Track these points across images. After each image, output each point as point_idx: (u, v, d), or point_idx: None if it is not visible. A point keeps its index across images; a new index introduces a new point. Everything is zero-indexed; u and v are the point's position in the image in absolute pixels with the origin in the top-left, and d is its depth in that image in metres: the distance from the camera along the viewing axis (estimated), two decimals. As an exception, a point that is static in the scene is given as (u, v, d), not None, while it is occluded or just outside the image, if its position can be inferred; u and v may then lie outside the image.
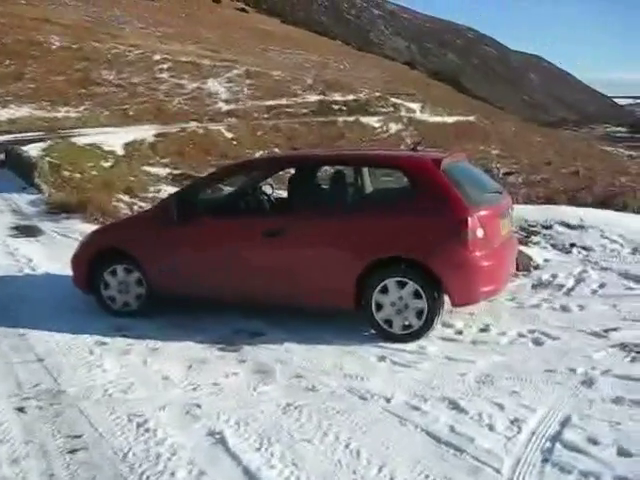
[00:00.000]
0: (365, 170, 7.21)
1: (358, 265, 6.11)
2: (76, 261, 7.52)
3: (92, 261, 7.25)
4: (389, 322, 6.07)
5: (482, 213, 6.04)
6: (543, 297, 7.19)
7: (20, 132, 29.70)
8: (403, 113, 39.30)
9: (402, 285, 5.99)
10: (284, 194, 7.75)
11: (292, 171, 7.24)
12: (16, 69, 43.03)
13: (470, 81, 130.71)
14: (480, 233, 5.94)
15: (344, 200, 6.93)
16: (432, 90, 61.84)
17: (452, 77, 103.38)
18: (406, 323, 6.03)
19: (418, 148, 7.27)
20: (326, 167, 7.51)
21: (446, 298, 6.10)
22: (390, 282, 6.03)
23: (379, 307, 6.08)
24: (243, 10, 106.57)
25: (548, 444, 4.14)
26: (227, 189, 8.06)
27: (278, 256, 6.45)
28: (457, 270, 5.94)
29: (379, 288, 6.05)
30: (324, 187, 7.03)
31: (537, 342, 5.97)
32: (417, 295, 5.96)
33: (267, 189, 7.57)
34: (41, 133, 28.29)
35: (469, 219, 5.86)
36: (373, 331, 6.20)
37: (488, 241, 6.08)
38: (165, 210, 6.89)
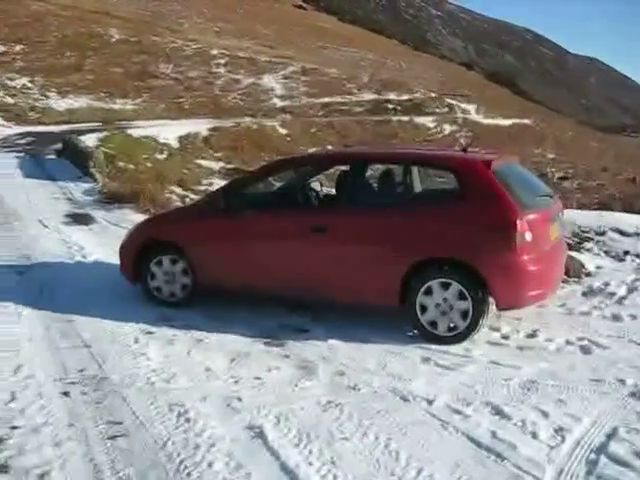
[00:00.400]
0: (414, 169, 7.14)
1: (404, 264, 6.07)
2: (123, 251, 7.60)
3: (139, 251, 7.31)
4: (434, 324, 6.02)
5: (531, 216, 5.96)
6: (594, 305, 7.05)
7: (77, 122, 30.24)
8: (458, 114, 38.97)
9: (446, 286, 5.94)
10: (332, 191, 7.75)
11: (341, 168, 7.22)
12: (76, 61, 43.81)
13: (526, 83, 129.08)
14: (529, 236, 5.85)
15: (393, 198, 6.88)
16: (488, 92, 61.18)
17: (508, 79, 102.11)
18: (451, 325, 5.97)
19: (469, 149, 7.17)
20: (376, 165, 7.42)
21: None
22: (434, 283, 5.97)
23: (423, 309, 6.03)
24: (301, 7, 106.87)
25: (593, 456, 4.05)
26: (276, 184, 8.06)
27: (324, 252, 6.44)
28: (504, 273, 5.87)
29: (423, 289, 6.00)
30: (373, 185, 6.98)
31: (585, 350, 5.84)
32: (462, 296, 5.90)
33: (316, 185, 7.56)
34: (98, 124, 28.77)
35: (518, 222, 5.78)
36: (417, 332, 6.15)
37: (536, 245, 5.98)
38: (214, 202, 6.95)
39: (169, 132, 24.82)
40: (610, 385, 5.08)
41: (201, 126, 26.96)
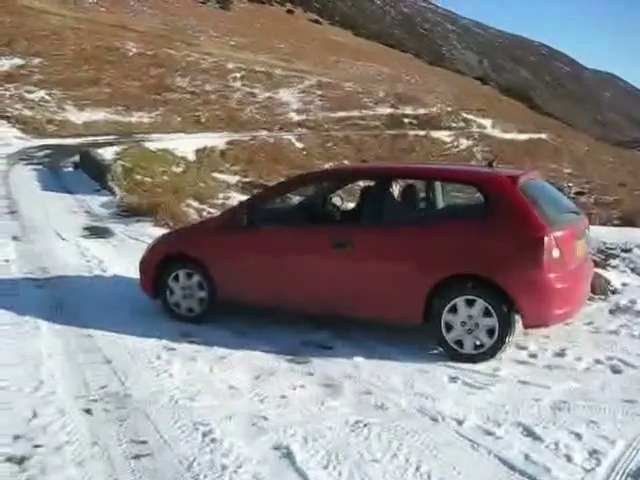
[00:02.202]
0: (438, 185, 7.08)
1: (429, 281, 5.99)
2: (143, 265, 7.55)
3: (159, 265, 7.26)
4: (460, 342, 5.91)
5: (558, 233, 5.86)
6: (621, 323, 6.92)
7: (95, 135, 30.37)
8: (474, 129, 38.89)
9: (471, 303, 5.85)
10: (352, 206, 7.69)
11: (362, 183, 7.16)
12: (93, 74, 44.08)
13: (542, 98, 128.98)
14: (556, 253, 5.77)
15: (417, 214, 6.82)
16: (504, 106, 61.09)
17: (524, 93, 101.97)
18: (477, 342, 5.87)
19: (494, 164, 7.09)
20: (400, 180, 7.33)
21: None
22: (460, 301, 5.88)
23: (449, 327, 5.93)
24: (316, 22, 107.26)
25: (630, 480, 3.93)
26: (297, 198, 7.99)
27: (346, 267, 6.37)
28: (531, 290, 5.77)
29: (448, 307, 5.90)
30: (398, 200, 6.88)
31: (615, 370, 5.72)
32: (487, 313, 5.80)
33: (337, 200, 7.50)
34: (115, 137, 28.88)
35: (545, 238, 5.69)
36: (442, 350, 6.05)
37: (563, 262, 5.90)
38: (235, 217, 6.88)
39: (186, 145, 24.88)
40: (643, 406, 4.95)
41: (217, 140, 27.01)
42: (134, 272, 8.79)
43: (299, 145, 27.56)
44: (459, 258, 5.96)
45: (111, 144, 23.67)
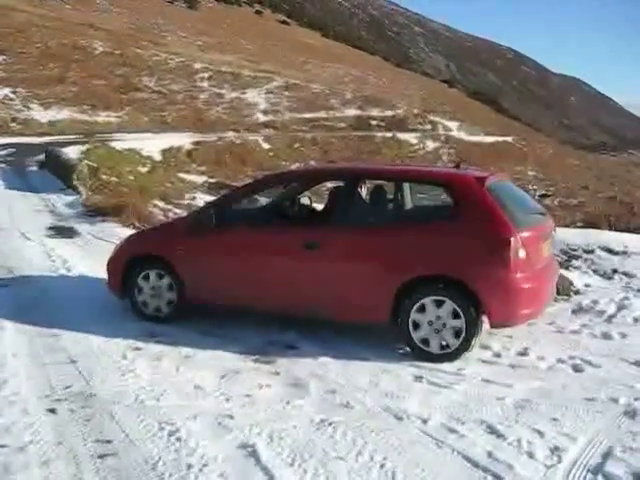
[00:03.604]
0: (406, 185, 7.13)
1: (396, 282, 6.02)
2: (112, 266, 7.50)
3: (127, 266, 7.22)
4: (426, 341, 5.96)
5: (525, 234, 5.92)
6: (583, 323, 7.02)
7: (60, 134, 30.06)
8: (441, 131, 39.16)
9: (440, 304, 5.89)
10: (320, 206, 7.70)
11: (329, 184, 7.18)
12: (59, 72, 43.62)
13: (508, 102, 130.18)
14: (522, 254, 5.83)
15: (386, 215, 6.87)
16: (470, 109, 61.57)
17: (491, 97, 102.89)
18: (443, 343, 5.92)
19: (461, 166, 7.15)
20: (369, 181, 7.34)
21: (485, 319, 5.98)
22: (428, 301, 5.92)
23: (416, 326, 5.97)
24: (284, 22, 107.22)
25: (590, 476, 4.01)
26: (266, 199, 7.98)
27: (315, 268, 6.37)
28: (498, 290, 5.83)
29: (416, 307, 5.94)
30: (366, 201, 6.93)
31: (577, 369, 5.81)
32: (455, 315, 5.85)
33: (306, 200, 7.51)
34: (81, 136, 28.60)
35: (512, 239, 5.75)
36: (408, 349, 6.09)
37: (530, 262, 5.96)
38: (204, 217, 6.85)
39: (152, 145, 24.72)
40: (603, 404, 5.04)
41: (184, 140, 26.87)
42: (99, 272, 8.73)
43: (266, 146, 27.53)
44: (427, 258, 6.00)
45: (77, 143, 23.41)
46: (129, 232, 11.82)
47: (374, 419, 4.79)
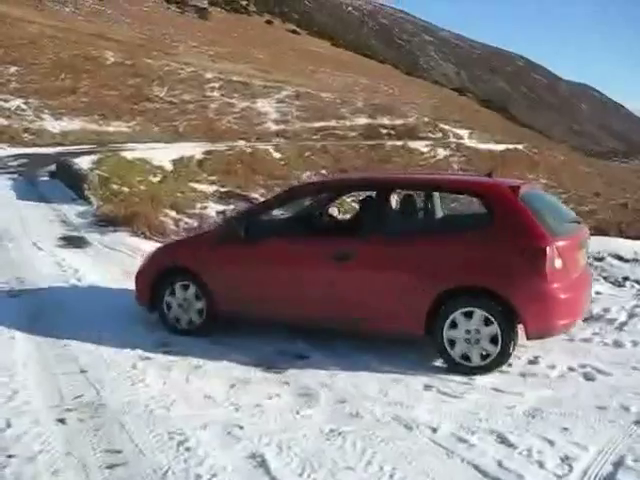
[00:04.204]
0: (436, 194, 7.04)
1: (432, 293, 5.91)
2: (140, 278, 7.41)
3: (157, 279, 7.13)
4: (466, 356, 5.84)
5: (560, 243, 5.82)
6: (594, 331, 6.98)
7: (72, 145, 30.21)
8: (451, 139, 39.13)
9: (470, 315, 5.78)
10: (349, 217, 7.63)
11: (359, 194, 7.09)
12: (71, 83, 43.89)
13: (519, 109, 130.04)
14: (558, 264, 5.72)
15: (419, 225, 6.79)
16: (481, 117, 61.52)
17: (501, 104, 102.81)
18: (483, 353, 5.81)
19: (493, 175, 6.89)
20: (401, 191, 7.09)
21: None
22: (461, 312, 5.80)
23: (452, 343, 5.87)
24: (294, 32, 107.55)
25: (601, 485, 3.98)
26: (294, 210, 7.83)
27: (348, 280, 6.27)
28: (534, 302, 5.71)
29: (449, 322, 5.83)
30: (398, 211, 6.78)
31: (588, 377, 5.78)
32: (487, 322, 5.74)
33: (334, 211, 7.45)
34: (92, 146, 28.74)
35: (548, 249, 5.65)
36: (444, 364, 5.98)
37: (566, 272, 5.86)
38: (233, 229, 6.78)
39: (163, 155, 24.79)
40: (615, 412, 5.01)
41: (195, 149, 26.95)
42: (110, 282, 8.79)
43: (277, 155, 27.57)
44: (462, 269, 5.89)
45: (88, 153, 23.52)
46: (140, 242, 11.92)
47: (384, 428, 4.78)
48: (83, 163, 19.81)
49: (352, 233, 6.67)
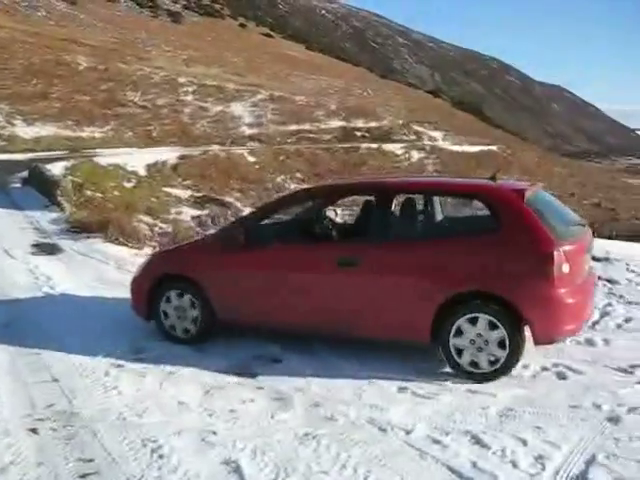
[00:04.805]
0: (442, 199, 7.00)
1: (437, 299, 5.83)
2: (135, 286, 7.29)
3: (153, 286, 7.01)
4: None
5: (567, 247, 5.72)
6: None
7: (44, 151, 29.94)
8: (426, 141, 39.30)
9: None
10: (350, 221, 7.56)
11: (357, 198, 7.04)
12: (42, 88, 43.52)
13: (493, 111, 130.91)
14: (566, 268, 5.64)
15: (422, 229, 6.75)
16: (455, 119, 61.82)
17: (475, 106, 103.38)
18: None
19: (496, 178, 6.68)
20: (404, 195, 6.96)
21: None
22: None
23: (459, 351, 5.81)
24: (268, 35, 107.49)
25: (574, 484, 4.01)
26: (291, 215, 7.57)
27: (353, 286, 6.18)
28: (542, 307, 5.64)
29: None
30: (402, 215, 6.69)
31: (561, 376, 5.83)
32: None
33: (332, 214, 7.38)
34: (65, 152, 28.51)
35: (556, 254, 5.56)
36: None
37: (572, 277, 5.78)
38: (232, 235, 6.66)
39: (137, 160, 24.66)
40: (587, 411, 5.05)
41: (169, 154, 26.84)
42: (83, 289, 8.72)
43: (252, 159, 27.52)
44: (469, 275, 5.81)
45: (61, 159, 23.33)
46: (113, 248, 11.84)
47: (358, 431, 4.78)
48: (56, 169, 19.67)
49: (356, 238, 6.58)
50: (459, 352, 5.81)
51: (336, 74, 69.72)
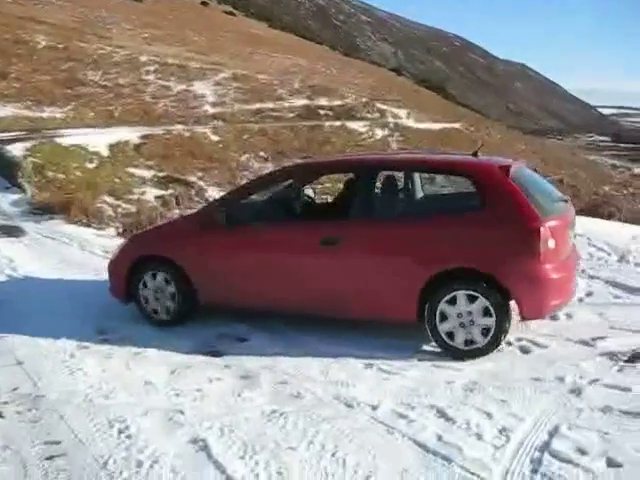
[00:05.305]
0: (425, 176, 6.96)
1: (423, 276, 5.82)
2: (113, 269, 7.17)
3: (132, 269, 6.89)
4: (451, 335, 5.80)
5: (552, 223, 5.75)
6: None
7: (3, 131, 29.42)
8: (389, 119, 39.23)
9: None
10: (331, 199, 7.51)
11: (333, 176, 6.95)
12: (0, 67, 42.69)
13: (456, 88, 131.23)
14: (552, 244, 5.67)
15: (406, 207, 6.72)
16: (419, 97, 61.91)
17: (438, 84, 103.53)
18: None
19: (478, 154, 6.62)
20: (387, 172, 6.91)
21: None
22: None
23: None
24: (231, 13, 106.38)
25: (537, 454, 4.08)
26: (270, 194, 7.37)
27: (336, 265, 6.14)
28: (528, 283, 5.67)
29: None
30: (385, 193, 6.67)
31: (525, 350, 5.93)
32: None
33: (310, 193, 7.31)
34: (25, 132, 28.03)
35: (542, 229, 5.58)
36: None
37: (558, 253, 5.82)
38: (212, 215, 6.57)
39: (99, 140, 24.27)
40: (550, 383, 5.14)
41: (132, 134, 26.47)
42: (47, 271, 8.63)
43: (215, 138, 27.27)
44: (454, 252, 5.79)
45: (21, 140, 22.92)
46: (77, 229, 11.73)
47: (325, 408, 4.82)
48: (16, 150, 19.32)
49: (338, 217, 6.44)
50: (447, 331, 5.81)
51: (300, 53, 69.36)
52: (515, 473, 3.89)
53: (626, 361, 5.56)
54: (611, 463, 3.94)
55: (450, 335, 5.79)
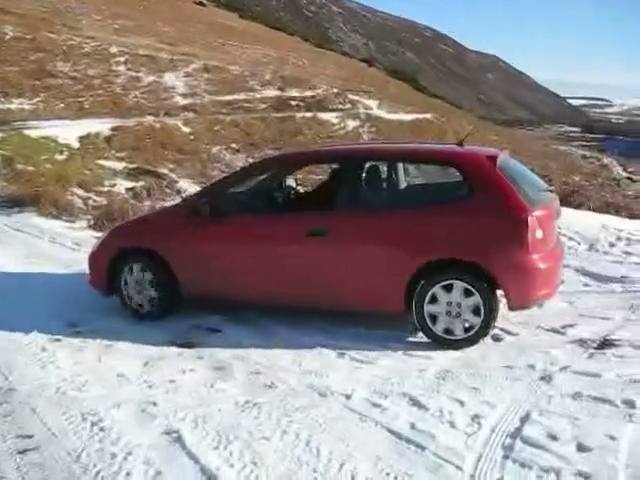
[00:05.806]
0: (412, 166, 6.94)
1: (411, 267, 5.81)
2: (94, 261, 7.06)
3: (113, 261, 6.80)
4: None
5: (539, 213, 5.77)
6: (500, 293, 7.17)
7: (-29, 124, 29.02)
8: (361, 110, 39.26)
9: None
10: (314, 190, 7.51)
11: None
12: (-33, 59, 42.06)
13: (428, 80, 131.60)
14: (539, 234, 5.69)
15: (393, 197, 6.73)
16: (389, 88, 61.97)
17: (409, 75, 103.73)
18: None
19: (464, 144, 6.59)
20: (373, 162, 6.81)
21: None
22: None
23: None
24: (201, 4, 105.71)
25: (509, 440, 4.13)
26: (253, 185, 7.21)
27: (323, 256, 6.11)
28: (516, 272, 5.68)
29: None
30: (372, 183, 6.63)
31: (496, 338, 5.99)
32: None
33: (292, 183, 7.28)
34: (-7, 125, 27.67)
35: (530, 219, 5.60)
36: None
37: (545, 242, 5.85)
38: (196, 207, 6.48)
39: (69, 132, 24.06)
40: (521, 371, 5.20)
41: (102, 125, 26.25)
42: (18, 264, 8.55)
43: (186, 129, 27.12)
44: (442, 242, 5.80)
45: (-11, 133, 22.68)
46: (47, 222, 11.63)
47: (298, 398, 4.83)
48: (-17, 143, 19.14)
49: (324, 207, 6.36)
50: (433, 318, 5.82)
51: (271, 44, 69.12)
52: (487, 459, 3.93)
53: (596, 348, 5.64)
54: (581, 448, 3.99)
55: (433, 318, 5.81)
